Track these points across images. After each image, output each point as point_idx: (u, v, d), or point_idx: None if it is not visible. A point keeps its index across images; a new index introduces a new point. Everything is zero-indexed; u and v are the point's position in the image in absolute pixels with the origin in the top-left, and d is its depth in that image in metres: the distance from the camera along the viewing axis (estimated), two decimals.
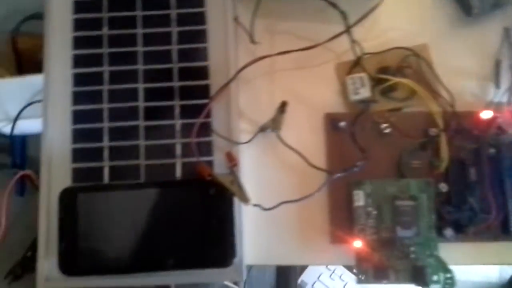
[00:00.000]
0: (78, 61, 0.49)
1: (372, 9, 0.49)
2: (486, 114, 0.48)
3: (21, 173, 0.64)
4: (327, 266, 1.16)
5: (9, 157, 0.67)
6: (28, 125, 0.63)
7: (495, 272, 1.29)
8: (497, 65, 0.51)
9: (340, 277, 1.17)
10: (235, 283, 0.98)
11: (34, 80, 0.63)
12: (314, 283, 1.19)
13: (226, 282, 1.03)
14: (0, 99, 0.64)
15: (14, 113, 0.63)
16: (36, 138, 0.63)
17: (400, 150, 0.48)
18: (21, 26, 0.73)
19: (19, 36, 0.74)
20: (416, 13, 0.53)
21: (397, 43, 0.50)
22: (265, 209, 0.44)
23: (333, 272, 1.16)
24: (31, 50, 0.70)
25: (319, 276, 1.17)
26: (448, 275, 0.44)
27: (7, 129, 0.64)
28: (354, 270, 0.45)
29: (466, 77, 0.51)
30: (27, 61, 0.74)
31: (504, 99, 0.49)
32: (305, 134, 0.50)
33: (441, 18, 0.52)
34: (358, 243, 0.45)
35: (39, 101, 0.57)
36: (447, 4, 0.53)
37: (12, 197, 0.63)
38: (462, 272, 1.29)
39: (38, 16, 0.64)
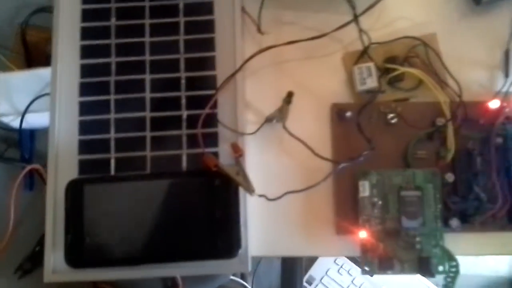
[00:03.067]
0: (86, 52, 0.49)
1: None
2: (494, 104, 0.48)
3: (29, 167, 0.65)
4: (335, 261, 1.16)
5: (18, 151, 0.67)
6: (37, 119, 0.64)
7: (504, 266, 1.29)
8: (506, 54, 0.51)
9: (348, 271, 1.17)
10: (242, 275, 0.99)
11: (42, 74, 0.64)
12: (322, 278, 1.19)
13: (232, 277, 1.04)
14: (8, 93, 0.64)
15: (22, 107, 0.64)
16: (44, 132, 0.63)
17: (407, 141, 0.48)
18: (30, 19, 0.74)
19: (28, 29, 0.75)
20: (424, 2, 0.52)
21: (405, 32, 0.50)
22: (270, 199, 0.44)
23: (341, 267, 1.16)
24: (40, 43, 0.71)
25: (327, 271, 1.17)
26: (453, 263, 0.44)
27: (15, 123, 0.65)
28: (359, 261, 0.45)
29: (475, 67, 0.51)
30: (35, 54, 0.74)
31: None
32: (312, 124, 0.50)
33: (450, 8, 0.52)
34: (363, 234, 0.45)
35: (47, 94, 0.57)
36: None
37: (22, 191, 0.64)
38: (471, 265, 1.29)
39: (47, 9, 0.65)
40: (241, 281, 1.05)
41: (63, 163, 0.47)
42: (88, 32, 0.49)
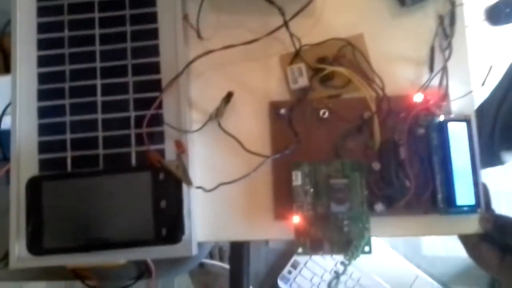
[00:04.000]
0: (42, 61, 0.54)
1: (308, 3, 0.53)
2: (417, 97, 0.52)
3: (9, 165, 0.70)
4: None
5: None
6: None
7: None
8: (432, 50, 0.55)
9: (331, 256, 1.22)
10: (220, 258, 1.05)
11: None
12: (306, 262, 1.25)
13: (213, 261, 1.09)
14: None
15: (0, 110, 0.68)
16: None
17: (338, 133, 0.53)
18: (6, 28, 0.78)
19: (5, 37, 0.79)
20: (353, 4, 0.56)
21: (336, 33, 0.54)
22: (206, 191, 0.49)
23: None
24: None
25: (311, 256, 1.22)
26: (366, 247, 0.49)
27: None
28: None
29: (402, 63, 0.55)
30: None
31: (436, 82, 0.53)
32: (253, 120, 0.55)
33: (378, 9, 0.56)
34: (296, 219, 0.50)
35: None
36: None
37: (2, 187, 0.69)
38: (451, 248, 1.34)
39: None
40: (220, 263, 1.10)
41: (24, 162, 0.52)
42: (44, 43, 0.54)
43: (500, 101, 1.02)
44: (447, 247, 1.37)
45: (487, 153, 1.12)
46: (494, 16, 1.33)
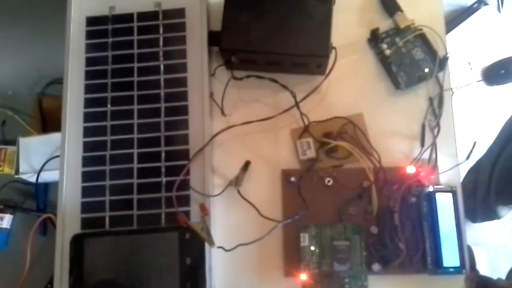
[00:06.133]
0: (87, 132, 0.62)
1: (316, 87, 0.62)
2: (410, 169, 0.60)
3: (43, 216, 0.78)
4: None
5: (34, 202, 0.81)
6: (50, 175, 0.77)
7: None
8: (423, 128, 0.63)
9: None
10: None
11: (54, 138, 0.77)
12: None
13: None
14: (26, 154, 0.78)
15: (38, 166, 0.77)
16: (56, 186, 0.77)
17: (341, 199, 0.60)
18: (46, 89, 0.88)
19: (45, 98, 0.89)
20: (355, 87, 0.65)
21: (339, 111, 0.63)
22: (226, 250, 0.56)
23: None
24: (54, 110, 0.85)
25: None
26: None
27: (32, 179, 0.78)
28: None
29: (397, 138, 0.63)
30: (50, 119, 0.88)
31: (426, 156, 0.61)
32: (267, 186, 0.62)
33: (376, 90, 0.65)
34: (303, 276, 0.57)
35: (58, 156, 0.71)
36: (381, 80, 0.65)
37: (37, 236, 0.77)
38: None
39: (61, 81, 0.78)
40: None
41: (69, 220, 0.60)
42: (89, 116, 0.63)
43: (496, 158, 1.09)
44: None
45: (484, 208, 1.18)
46: (490, 76, 1.42)
